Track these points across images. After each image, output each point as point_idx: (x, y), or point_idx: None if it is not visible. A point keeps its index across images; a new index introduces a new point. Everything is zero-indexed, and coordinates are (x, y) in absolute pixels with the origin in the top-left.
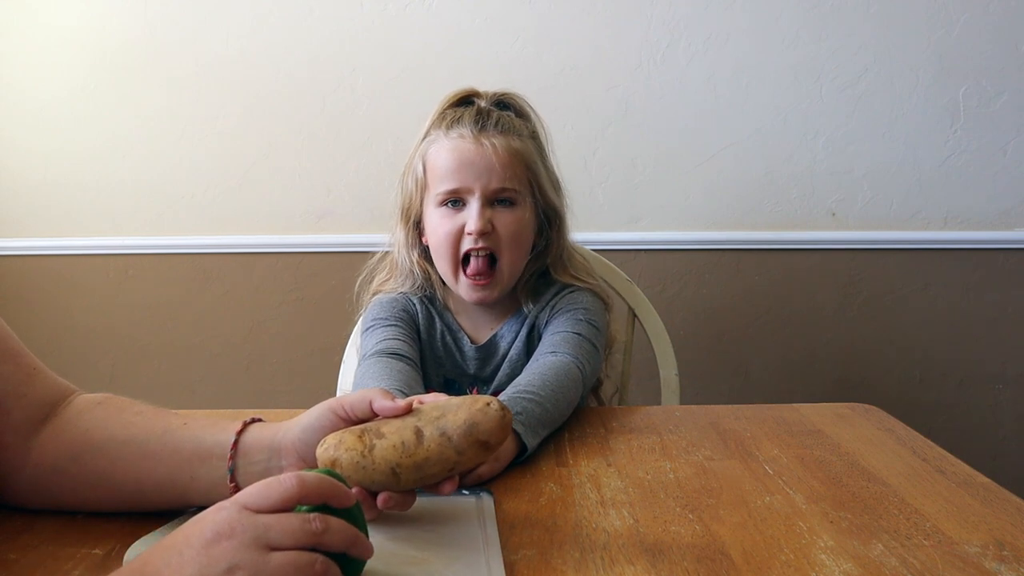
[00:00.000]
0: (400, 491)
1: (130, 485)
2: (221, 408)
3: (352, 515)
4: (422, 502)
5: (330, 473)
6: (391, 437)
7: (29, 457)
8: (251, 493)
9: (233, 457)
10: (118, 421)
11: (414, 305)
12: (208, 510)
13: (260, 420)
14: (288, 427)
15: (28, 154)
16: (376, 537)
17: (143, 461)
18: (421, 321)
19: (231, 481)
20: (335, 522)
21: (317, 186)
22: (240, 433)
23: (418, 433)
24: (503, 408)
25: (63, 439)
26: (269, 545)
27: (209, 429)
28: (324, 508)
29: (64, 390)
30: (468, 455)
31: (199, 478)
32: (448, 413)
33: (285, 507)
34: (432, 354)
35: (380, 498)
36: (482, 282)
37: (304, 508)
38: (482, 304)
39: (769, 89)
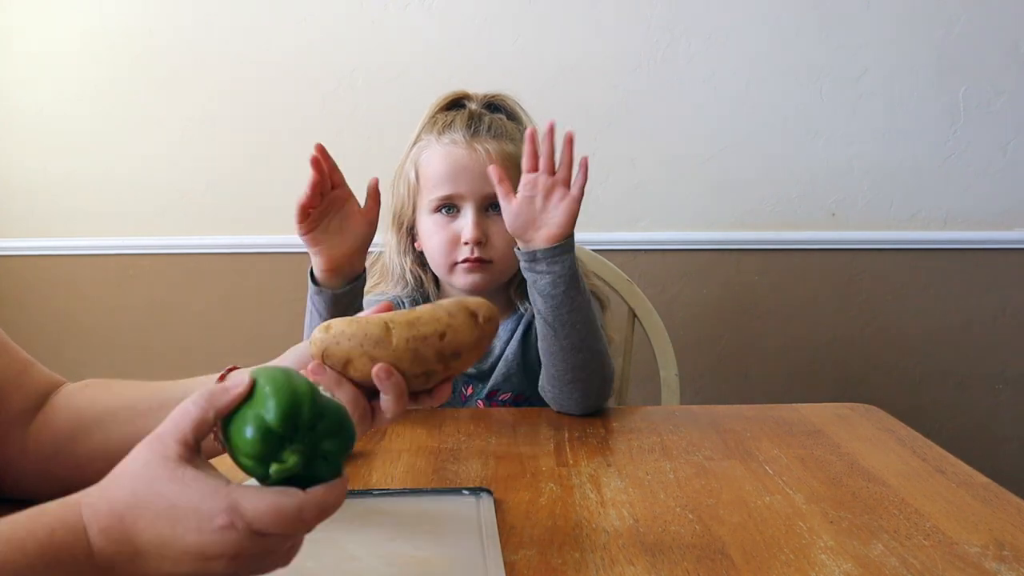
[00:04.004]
0: (393, 357)
1: (126, 447)
2: None
3: (342, 431)
4: (422, 502)
5: (287, 372)
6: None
7: (27, 445)
8: (264, 522)
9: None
10: (108, 394)
11: (401, 304)
12: (216, 517)
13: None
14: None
15: (28, 154)
16: (376, 537)
17: (137, 420)
18: None
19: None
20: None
21: None
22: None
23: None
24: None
25: (58, 423)
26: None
27: (205, 379)
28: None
29: (56, 381)
30: (459, 320)
31: None
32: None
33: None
34: None
35: (376, 368)
36: (476, 266)
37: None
38: (476, 291)
39: (769, 89)
